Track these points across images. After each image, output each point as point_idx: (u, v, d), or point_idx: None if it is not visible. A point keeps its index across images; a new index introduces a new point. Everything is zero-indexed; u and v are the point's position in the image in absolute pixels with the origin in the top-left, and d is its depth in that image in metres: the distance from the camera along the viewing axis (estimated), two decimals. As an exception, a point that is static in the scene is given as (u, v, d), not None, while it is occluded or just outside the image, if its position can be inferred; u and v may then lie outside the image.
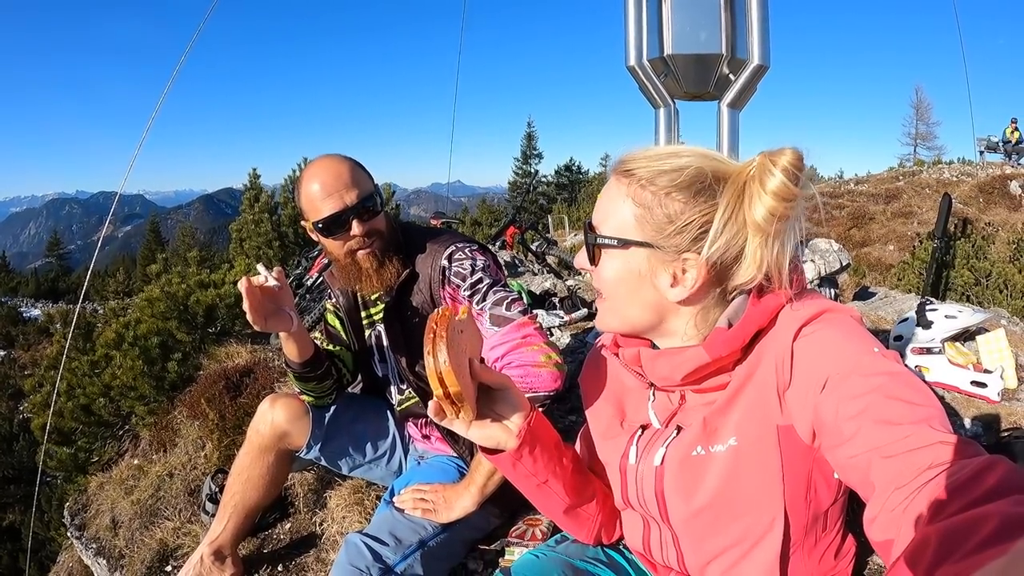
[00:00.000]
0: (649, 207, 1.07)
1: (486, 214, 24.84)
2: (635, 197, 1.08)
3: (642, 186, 1.08)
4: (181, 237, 30.63)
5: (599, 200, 1.15)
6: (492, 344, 1.88)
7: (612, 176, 1.13)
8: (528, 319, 1.89)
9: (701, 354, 1.10)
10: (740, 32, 3.63)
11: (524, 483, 1.31)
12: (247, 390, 3.73)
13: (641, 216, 1.08)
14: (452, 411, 1.12)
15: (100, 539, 3.26)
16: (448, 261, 1.96)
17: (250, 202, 10.16)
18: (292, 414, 2.19)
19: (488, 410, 1.20)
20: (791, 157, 1.00)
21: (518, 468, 1.25)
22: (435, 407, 1.13)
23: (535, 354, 1.83)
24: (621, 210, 1.10)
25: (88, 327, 5.73)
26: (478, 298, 1.93)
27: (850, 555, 1.29)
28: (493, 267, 2.03)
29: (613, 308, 1.17)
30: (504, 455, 1.22)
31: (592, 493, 1.39)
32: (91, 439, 4.84)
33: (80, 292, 6.32)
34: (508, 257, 6.43)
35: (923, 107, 40.74)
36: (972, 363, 2.42)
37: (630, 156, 1.12)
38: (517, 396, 1.23)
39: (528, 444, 1.22)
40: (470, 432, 1.18)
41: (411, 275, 2.01)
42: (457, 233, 2.20)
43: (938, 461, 0.78)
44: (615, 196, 1.11)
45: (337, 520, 2.53)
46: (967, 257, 8.42)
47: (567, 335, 3.87)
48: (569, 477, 1.33)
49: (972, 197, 13.97)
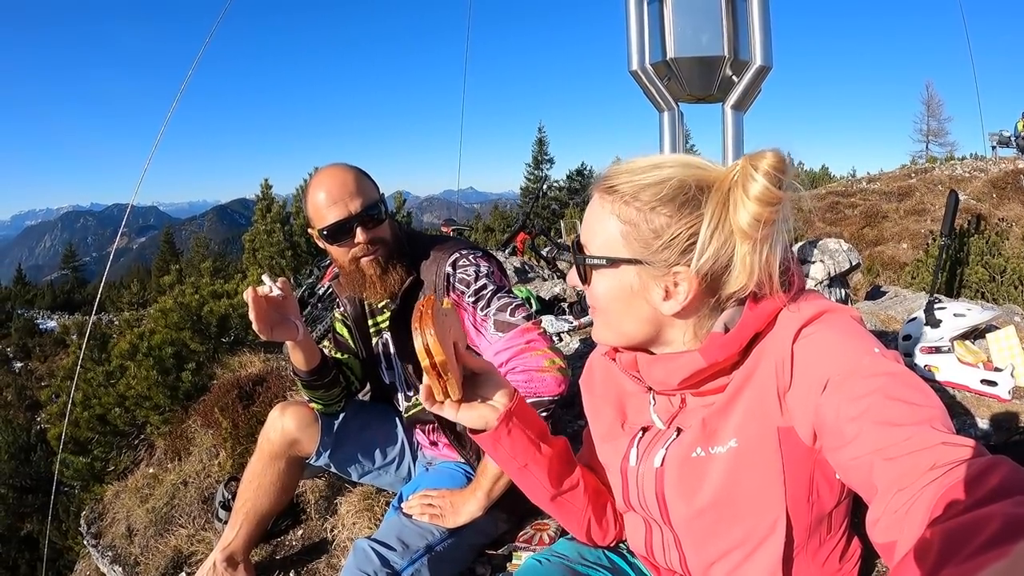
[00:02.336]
0: (635, 223, 1.07)
1: (498, 220, 24.81)
2: (620, 214, 1.08)
3: (626, 202, 1.07)
4: (195, 248, 30.84)
5: (585, 218, 1.15)
6: (496, 349, 1.89)
7: (596, 193, 1.13)
8: (532, 324, 1.91)
9: (697, 359, 1.10)
10: (742, 34, 3.64)
11: (507, 465, 1.33)
12: (260, 398, 3.76)
13: (627, 233, 1.08)
14: (440, 388, 1.16)
15: (116, 547, 3.29)
16: (452, 268, 1.98)
17: (262, 212, 10.21)
18: (302, 422, 2.21)
19: (474, 394, 1.23)
20: (772, 160, 0.99)
21: (499, 448, 1.28)
22: (425, 391, 1.18)
23: (539, 359, 1.84)
24: (607, 228, 1.10)
25: (103, 338, 5.78)
26: (482, 304, 1.94)
27: (855, 558, 1.28)
28: (497, 273, 2.04)
29: (608, 323, 1.17)
30: (486, 435, 1.26)
31: (576, 482, 1.40)
32: (107, 448, 4.87)
33: (95, 303, 6.39)
34: (518, 263, 6.43)
35: (934, 103, 40.42)
36: (982, 361, 2.40)
37: (612, 171, 1.11)
38: (501, 379, 1.27)
39: (506, 424, 1.24)
40: (459, 415, 1.22)
41: (416, 282, 2.03)
42: (462, 240, 2.22)
43: (941, 462, 0.78)
44: (600, 214, 1.11)
45: (348, 526, 2.55)
46: (981, 253, 8.32)
47: (577, 340, 3.88)
48: (551, 464, 1.34)
49: (985, 193, 13.83)
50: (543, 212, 25.18)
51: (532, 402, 1.80)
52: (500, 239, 12.04)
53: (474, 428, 1.26)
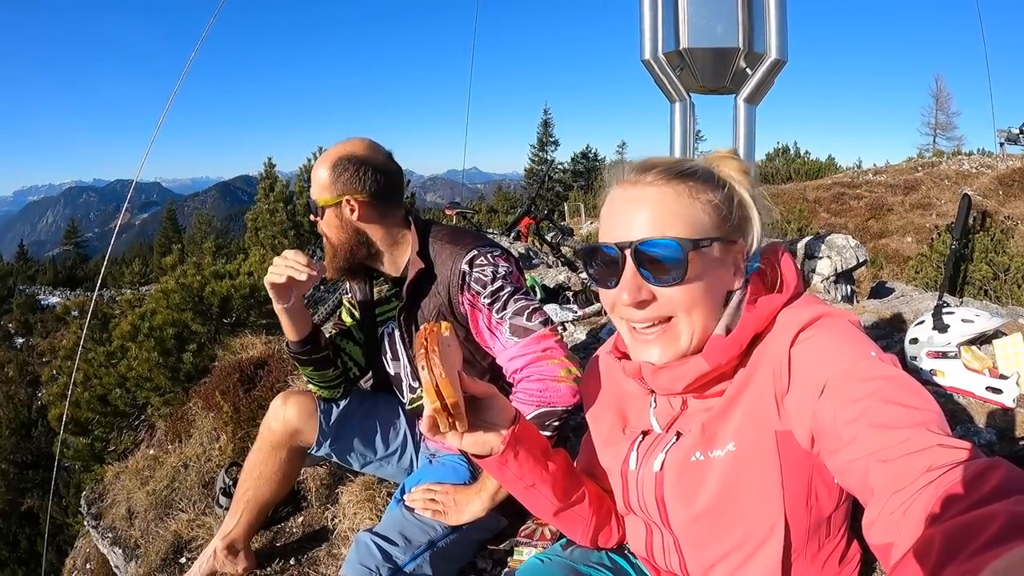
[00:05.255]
0: (711, 203, 1.09)
1: (502, 201, 24.81)
2: (696, 196, 1.08)
3: (689, 186, 1.08)
4: (197, 225, 30.82)
5: (650, 210, 1.08)
6: (511, 355, 1.87)
7: (655, 183, 1.09)
8: (549, 331, 1.87)
9: (701, 364, 1.10)
10: (757, 25, 3.59)
11: (512, 486, 1.32)
12: (261, 383, 3.75)
13: (712, 211, 1.09)
14: (447, 424, 1.12)
15: (116, 529, 3.30)
16: (469, 266, 1.94)
17: (265, 191, 10.18)
18: (304, 411, 2.20)
19: (476, 419, 1.20)
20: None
21: (505, 472, 1.26)
22: (429, 421, 1.12)
23: (555, 368, 1.81)
24: (691, 211, 1.08)
25: (104, 318, 5.78)
26: (498, 306, 1.90)
27: (855, 561, 1.28)
28: (515, 274, 2.00)
29: (691, 324, 1.12)
30: (491, 459, 1.23)
31: (582, 496, 1.40)
32: (107, 429, 4.89)
33: (97, 280, 6.41)
34: (523, 248, 6.40)
35: (943, 97, 40.16)
36: (988, 368, 2.38)
37: (652, 162, 1.12)
38: (502, 403, 1.24)
39: (512, 448, 1.22)
40: (463, 442, 1.19)
41: (426, 274, 2.00)
42: (481, 236, 2.17)
43: (937, 464, 0.78)
44: (673, 199, 1.08)
45: (348, 516, 2.55)
46: (985, 251, 8.30)
47: (581, 330, 3.86)
48: (556, 480, 1.33)
49: (992, 190, 13.79)
50: (547, 195, 25.16)
51: (545, 412, 1.78)
52: (504, 221, 12.00)
53: (478, 454, 1.24)
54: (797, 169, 22.14)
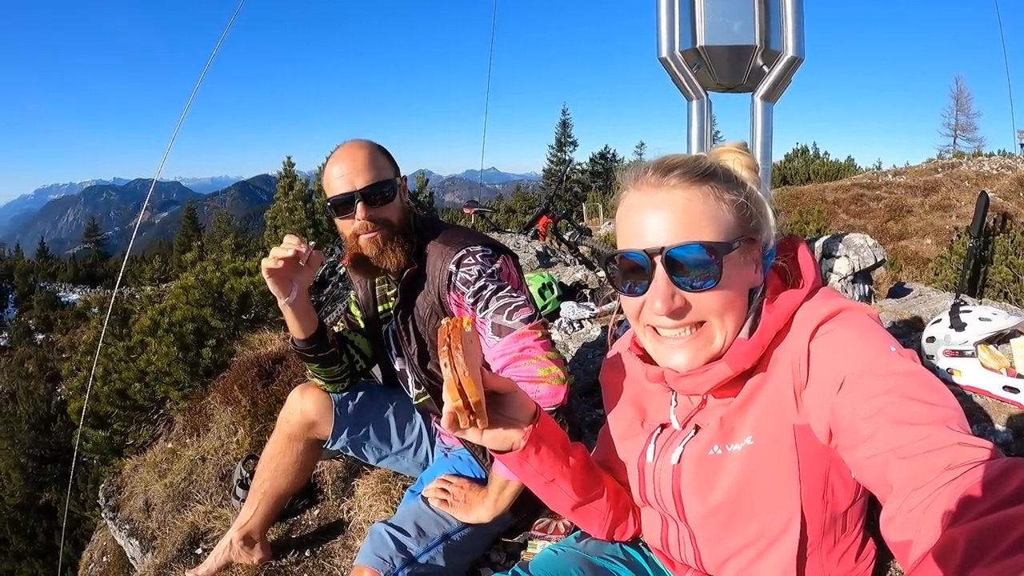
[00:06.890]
0: (735, 202, 1.09)
1: (520, 201, 24.80)
2: (720, 196, 1.08)
3: (712, 186, 1.08)
4: (217, 223, 30.99)
5: (678, 214, 1.06)
6: (493, 355, 1.82)
7: (679, 186, 1.07)
8: (529, 329, 1.81)
9: (724, 369, 1.10)
10: (774, 23, 3.58)
11: (532, 481, 1.31)
12: (279, 377, 3.78)
13: (735, 211, 1.09)
14: (468, 420, 1.10)
15: (133, 520, 3.34)
16: (456, 266, 1.92)
17: (284, 190, 10.25)
18: (321, 404, 2.22)
19: (496, 415, 1.17)
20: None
21: (525, 467, 1.25)
22: (450, 418, 1.10)
23: (533, 368, 1.76)
24: (718, 212, 1.07)
25: (124, 314, 5.84)
26: (480, 305, 1.86)
27: (870, 558, 1.28)
28: (505, 271, 1.96)
29: (724, 327, 1.11)
30: (511, 455, 1.21)
31: (601, 491, 1.39)
32: (126, 423, 4.94)
33: (117, 278, 6.46)
34: (540, 247, 6.40)
35: (963, 98, 39.64)
36: (1005, 367, 2.36)
37: (671, 162, 1.11)
38: (522, 398, 1.21)
39: (534, 445, 1.21)
40: (484, 438, 1.17)
41: (418, 274, 2.00)
42: (476, 233, 2.15)
43: (957, 462, 0.78)
44: (700, 201, 1.07)
45: (364, 508, 2.56)
46: (1005, 253, 8.19)
47: (598, 328, 3.86)
48: (576, 475, 1.32)
49: (1012, 191, 13.60)
50: (565, 195, 25.12)
51: None
52: (522, 221, 12.01)
53: (498, 449, 1.22)
54: (816, 170, 21.94)
